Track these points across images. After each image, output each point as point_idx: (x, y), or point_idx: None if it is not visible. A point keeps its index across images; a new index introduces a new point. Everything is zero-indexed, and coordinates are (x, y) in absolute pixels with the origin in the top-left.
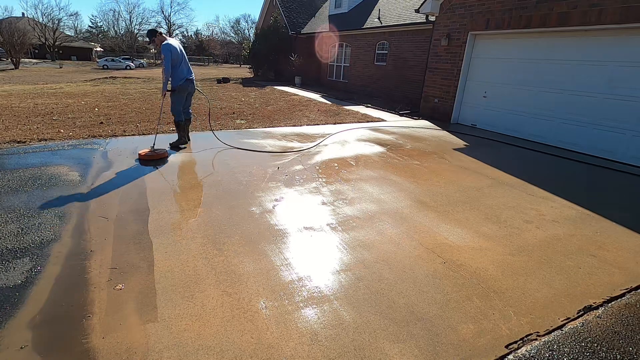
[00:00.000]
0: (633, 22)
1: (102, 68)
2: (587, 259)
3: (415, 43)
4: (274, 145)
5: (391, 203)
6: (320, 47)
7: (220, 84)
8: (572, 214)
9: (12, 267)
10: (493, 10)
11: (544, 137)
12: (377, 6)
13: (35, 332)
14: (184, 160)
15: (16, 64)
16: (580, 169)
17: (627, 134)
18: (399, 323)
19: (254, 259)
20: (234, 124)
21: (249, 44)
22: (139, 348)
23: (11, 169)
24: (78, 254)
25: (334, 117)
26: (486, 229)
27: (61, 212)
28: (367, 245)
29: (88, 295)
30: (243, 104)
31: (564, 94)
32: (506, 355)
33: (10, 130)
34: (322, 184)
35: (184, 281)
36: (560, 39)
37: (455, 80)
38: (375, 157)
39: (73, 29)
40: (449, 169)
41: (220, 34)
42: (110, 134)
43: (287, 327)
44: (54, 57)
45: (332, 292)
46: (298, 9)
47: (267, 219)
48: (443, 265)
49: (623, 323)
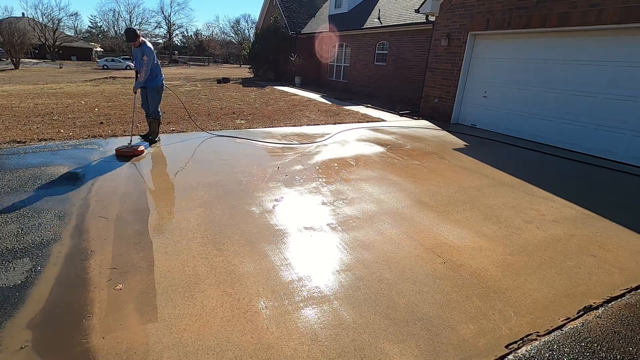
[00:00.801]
0: (633, 22)
1: (102, 68)
2: (587, 259)
3: (415, 43)
4: (274, 146)
5: (391, 203)
6: (320, 47)
7: (220, 84)
8: (572, 214)
9: (12, 267)
10: (493, 10)
11: (544, 137)
12: (377, 6)
13: (35, 332)
14: (184, 160)
15: (16, 64)
16: (580, 169)
17: (627, 134)
18: (399, 323)
19: (254, 259)
20: (234, 124)
21: (249, 44)
22: (139, 348)
23: (11, 169)
24: (78, 254)
25: (334, 117)
26: (486, 229)
27: (61, 212)
28: (367, 245)
29: (88, 295)
30: (243, 104)
31: (564, 94)
32: (506, 355)
33: (10, 130)
34: (322, 184)
35: (184, 281)
36: (560, 39)
37: (455, 80)
38: (375, 157)
39: (73, 29)
40: (449, 169)
41: (220, 34)
42: (110, 134)
43: (287, 327)
44: (54, 57)
45: (332, 292)
46: (298, 9)
47: (267, 219)
48: (443, 265)
49: (623, 323)
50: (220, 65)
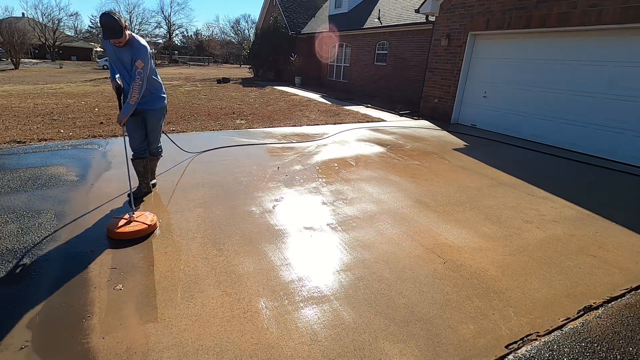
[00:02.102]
0: (633, 22)
1: (102, 68)
2: (587, 259)
3: (415, 43)
4: (274, 146)
5: (391, 203)
6: (320, 47)
7: (220, 84)
8: (572, 214)
9: (12, 267)
10: (493, 10)
11: (544, 137)
12: (377, 6)
13: (35, 332)
14: (183, 160)
15: (16, 64)
16: (580, 169)
17: (627, 134)
18: (399, 323)
19: (254, 259)
20: (234, 124)
21: (249, 44)
22: (139, 348)
23: (11, 169)
24: (78, 254)
25: (334, 117)
26: (486, 229)
27: (61, 212)
28: (367, 246)
29: (88, 295)
30: (243, 104)
31: (564, 94)
32: (506, 355)
33: (10, 130)
34: (322, 184)
35: (184, 281)
36: (560, 39)
37: (455, 80)
38: (375, 157)
39: (73, 29)
40: (449, 169)
41: (220, 34)
42: (111, 134)
43: (287, 327)
44: (54, 57)
45: (332, 292)
46: (298, 9)
47: (267, 219)
48: (443, 265)
49: (623, 323)
50: (220, 66)
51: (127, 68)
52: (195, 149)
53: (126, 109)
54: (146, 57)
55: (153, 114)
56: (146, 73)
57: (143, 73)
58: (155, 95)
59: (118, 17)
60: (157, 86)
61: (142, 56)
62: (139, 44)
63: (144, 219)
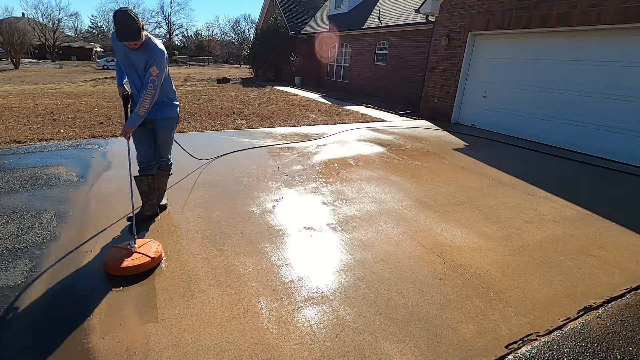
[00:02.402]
0: (633, 22)
1: (102, 68)
2: (587, 259)
3: (415, 43)
4: (274, 146)
5: (391, 203)
6: (320, 47)
7: (220, 84)
8: (572, 214)
9: (12, 267)
10: (493, 11)
11: (544, 137)
12: (377, 6)
13: (35, 332)
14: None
15: (16, 64)
16: (580, 169)
17: (627, 134)
18: (399, 323)
19: (254, 259)
20: (234, 124)
21: (249, 44)
22: (139, 348)
23: (11, 169)
24: (78, 254)
25: (334, 117)
26: (486, 229)
27: (61, 212)
28: (367, 246)
29: (88, 295)
30: (243, 104)
31: (564, 94)
32: (506, 355)
33: (10, 130)
34: (322, 184)
35: (184, 281)
36: (560, 39)
37: (455, 80)
38: (375, 157)
39: (73, 29)
40: (449, 169)
41: (220, 34)
42: (111, 134)
43: (287, 327)
44: (54, 57)
45: (332, 292)
46: (298, 9)
47: (267, 219)
48: (443, 265)
49: (623, 323)
50: (220, 66)
51: (139, 73)
52: (203, 154)
53: (133, 120)
54: (162, 64)
55: (164, 125)
56: (160, 81)
57: (157, 81)
58: (167, 103)
59: (135, 16)
60: (170, 95)
61: (158, 62)
62: (156, 48)
63: (147, 249)
